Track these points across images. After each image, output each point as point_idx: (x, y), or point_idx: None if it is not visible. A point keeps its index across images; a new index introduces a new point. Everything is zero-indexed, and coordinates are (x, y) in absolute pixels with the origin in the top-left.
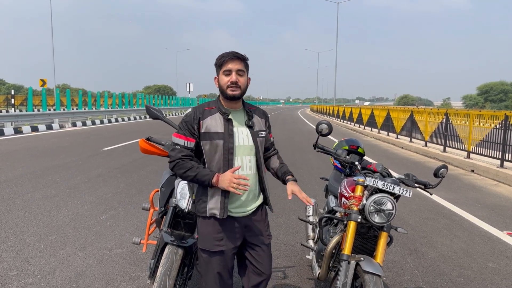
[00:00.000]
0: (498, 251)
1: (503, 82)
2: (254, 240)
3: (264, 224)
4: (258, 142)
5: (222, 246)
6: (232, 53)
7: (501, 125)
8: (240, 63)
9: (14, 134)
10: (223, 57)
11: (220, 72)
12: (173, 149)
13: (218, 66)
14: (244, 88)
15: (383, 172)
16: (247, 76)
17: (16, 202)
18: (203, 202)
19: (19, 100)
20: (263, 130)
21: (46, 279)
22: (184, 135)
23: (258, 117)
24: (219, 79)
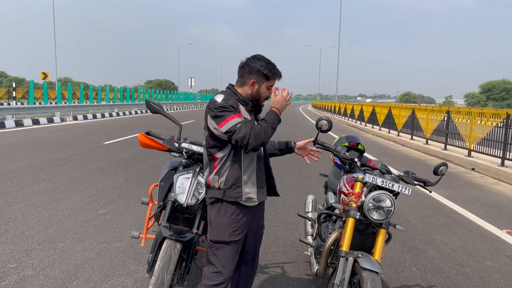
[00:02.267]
0: (497, 249)
1: (505, 80)
2: (254, 228)
3: (263, 212)
4: None
5: (236, 236)
6: (280, 73)
7: (503, 123)
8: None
9: (15, 126)
10: (275, 74)
11: (264, 83)
12: (239, 130)
13: (265, 76)
14: None
15: (383, 169)
16: None
17: (16, 194)
18: (237, 187)
19: (21, 93)
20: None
21: (45, 272)
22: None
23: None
24: (260, 87)
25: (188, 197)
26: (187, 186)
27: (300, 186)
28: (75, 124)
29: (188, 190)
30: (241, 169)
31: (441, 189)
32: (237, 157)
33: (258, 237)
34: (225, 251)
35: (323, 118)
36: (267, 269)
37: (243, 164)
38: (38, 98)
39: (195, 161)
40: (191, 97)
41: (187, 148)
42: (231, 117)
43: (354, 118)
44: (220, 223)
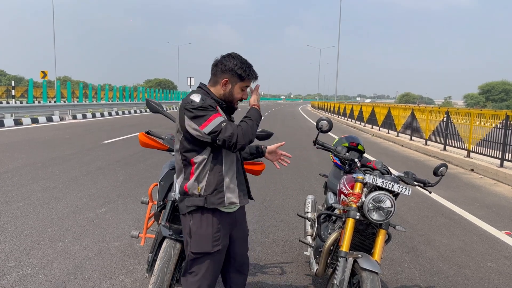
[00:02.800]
0: (496, 250)
1: (505, 81)
2: (238, 233)
3: (245, 216)
4: None
5: (219, 245)
6: (256, 74)
7: (502, 124)
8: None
9: (14, 125)
10: (251, 75)
11: (238, 84)
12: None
13: (239, 77)
14: None
15: (383, 170)
16: None
17: (15, 193)
18: (219, 192)
19: (20, 92)
20: None
21: (44, 271)
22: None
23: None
24: (233, 88)
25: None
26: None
27: (300, 186)
28: (74, 123)
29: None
30: (223, 173)
31: (440, 190)
32: (218, 160)
33: (245, 242)
34: (208, 262)
35: (323, 119)
36: (267, 269)
37: (224, 167)
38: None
39: None
40: None
41: None
42: (213, 117)
43: (354, 119)
44: (203, 235)
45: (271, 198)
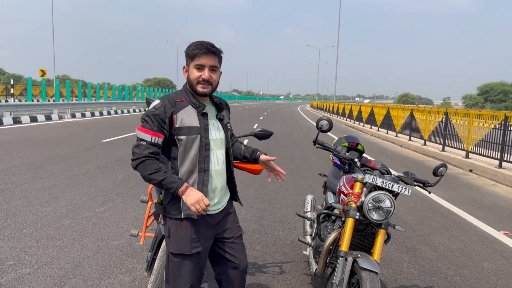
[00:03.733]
0: (494, 250)
1: (503, 82)
2: (226, 234)
3: (234, 217)
4: (227, 134)
5: (198, 248)
6: (207, 46)
7: (501, 125)
8: (214, 58)
9: (13, 124)
10: (196, 49)
11: (191, 64)
12: (137, 146)
13: (190, 57)
14: (215, 84)
15: (383, 170)
16: (220, 70)
17: (14, 192)
18: (177, 203)
19: (19, 90)
20: (229, 122)
21: (43, 269)
22: (151, 129)
23: (222, 108)
24: (189, 71)
25: None
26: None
27: (299, 186)
28: (73, 122)
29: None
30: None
31: (439, 190)
32: (174, 170)
33: (238, 243)
34: (187, 264)
35: (323, 118)
36: (266, 269)
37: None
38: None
39: None
40: None
41: None
42: (145, 130)
43: (353, 119)
44: (181, 236)
45: (270, 197)
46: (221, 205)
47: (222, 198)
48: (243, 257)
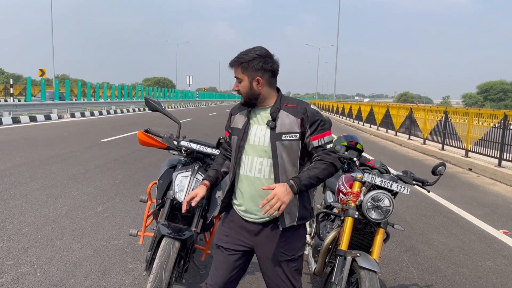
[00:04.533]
0: (493, 249)
1: (503, 81)
2: (263, 252)
3: (281, 240)
4: (278, 145)
5: (225, 243)
6: (232, 60)
7: (500, 124)
8: (236, 69)
9: (12, 123)
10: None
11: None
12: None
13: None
14: (245, 94)
15: (381, 169)
16: (251, 78)
17: (13, 191)
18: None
19: (18, 90)
20: (292, 132)
21: (43, 269)
22: (225, 128)
23: (292, 116)
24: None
25: (186, 195)
26: (186, 184)
27: None
28: (72, 122)
29: (187, 188)
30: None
31: (438, 189)
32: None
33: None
34: (215, 254)
35: None
36: None
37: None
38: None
39: (194, 159)
40: (189, 95)
41: (186, 146)
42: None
43: (352, 118)
44: (219, 226)
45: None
46: (255, 216)
47: (254, 210)
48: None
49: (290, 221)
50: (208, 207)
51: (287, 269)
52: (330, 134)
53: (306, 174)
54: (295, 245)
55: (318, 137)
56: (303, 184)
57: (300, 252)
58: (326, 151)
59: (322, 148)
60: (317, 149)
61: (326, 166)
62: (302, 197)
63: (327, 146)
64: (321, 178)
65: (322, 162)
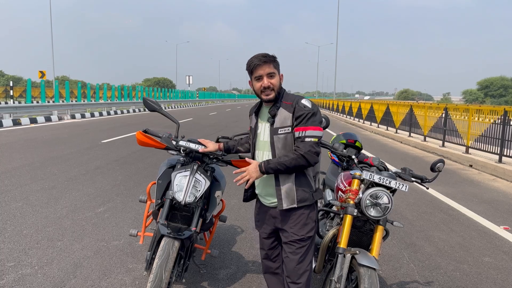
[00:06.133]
0: (494, 245)
1: (503, 77)
2: (282, 233)
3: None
4: (275, 139)
5: (258, 227)
6: (259, 58)
7: (500, 120)
8: (269, 65)
9: (13, 125)
10: (252, 63)
11: (252, 78)
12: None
13: (249, 72)
14: (277, 88)
15: (380, 166)
16: (279, 74)
17: (14, 193)
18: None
19: (18, 92)
20: (286, 126)
21: (44, 270)
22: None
23: (287, 112)
24: (252, 84)
25: (186, 195)
26: (185, 184)
27: None
28: (73, 123)
29: (186, 188)
30: None
31: (439, 186)
32: None
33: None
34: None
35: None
36: None
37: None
38: (35, 96)
39: (192, 159)
40: (189, 95)
41: (185, 146)
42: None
43: (352, 116)
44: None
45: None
46: (267, 202)
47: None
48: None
49: (288, 203)
50: (208, 207)
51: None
52: (316, 130)
53: (276, 160)
54: (304, 227)
55: (300, 129)
56: (270, 167)
57: (310, 233)
58: (304, 142)
59: (300, 140)
60: (297, 140)
61: (295, 157)
62: (299, 180)
63: (305, 139)
64: (289, 167)
65: (295, 152)
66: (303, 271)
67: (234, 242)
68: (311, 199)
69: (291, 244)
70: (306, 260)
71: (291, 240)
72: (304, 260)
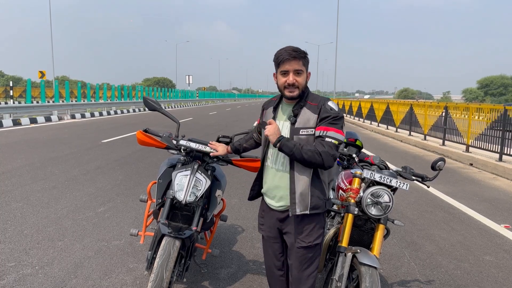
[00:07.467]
0: (495, 244)
1: (503, 75)
2: (287, 238)
3: (298, 227)
4: (296, 139)
5: (262, 230)
6: (289, 52)
7: (500, 118)
8: (298, 62)
9: (13, 126)
10: (280, 56)
11: (277, 71)
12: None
13: (276, 64)
14: (302, 87)
15: (381, 165)
16: (307, 72)
17: (14, 193)
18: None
19: (18, 92)
20: (309, 128)
21: (44, 270)
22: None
23: (312, 113)
24: (277, 77)
25: (186, 194)
26: (185, 183)
27: None
28: (73, 123)
29: (186, 187)
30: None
31: (440, 185)
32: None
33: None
34: (262, 241)
35: None
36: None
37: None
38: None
39: (193, 158)
40: (189, 95)
41: (185, 146)
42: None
43: (352, 115)
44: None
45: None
46: (276, 204)
47: (275, 198)
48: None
49: (301, 209)
50: (208, 206)
51: (302, 256)
52: (338, 133)
53: (294, 142)
54: (312, 233)
55: (322, 128)
56: (286, 144)
57: (317, 240)
58: (324, 141)
59: (321, 138)
60: (317, 138)
61: (312, 151)
62: (314, 186)
63: (326, 139)
64: (303, 157)
65: (314, 148)
66: (308, 277)
67: (235, 241)
68: (323, 207)
69: (297, 250)
70: (312, 266)
71: (298, 247)
72: (310, 267)
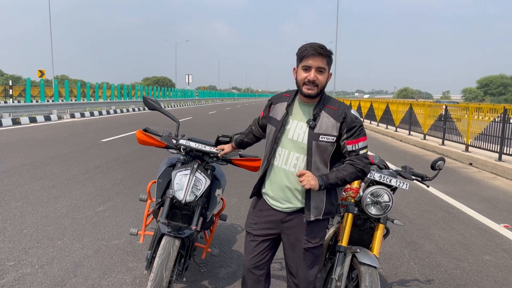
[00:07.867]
0: (494, 243)
1: (503, 75)
2: (289, 239)
3: (307, 229)
4: (315, 144)
5: (253, 230)
6: (315, 47)
7: (500, 118)
8: (322, 59)
9: (12, 125)
10: (305, 51)
11: (299, 65)
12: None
13: (299, 58)
14: (322, 86)
15: (380, 164)
16: (328, 72)
17: (14, 192)
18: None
19: (17, 91)
20: (330, 135)
21: (44, 269)
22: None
23: (332, 119)
24: (297, 72)
25: (186, 194)
26: (185, 182)
27: None
28: (72, 122)
29: (186, 187)
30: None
31: (439, 184)
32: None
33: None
34: (246, 239)
35: None
36: None
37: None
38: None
39: (193, 157)
40: (188, 94)
41: (185, 145)
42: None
43: None
44: (249, 210)
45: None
46: (282, 206)
47: (283, 200)
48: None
49: (316, 215)
50: (208, 205)
51: (308, 256)
52: (365, 140)
53: (334, 175)
54: (318, 234)
55: (353, 142)
56: (329, 183)
57: (322, 241)
58: (359, 156)
59: (355, 153)
60: (350, 153)
61: (355, 170)
62: (330, 194)
63: (360, 152)
64: (347, 181)
65: (353, 166)
66: (314, 276)
67: (235, 240)
68: (334, 213)
69: (304, 251)
70: (317, 266)
71: (306, 248)
72: (314, 267)
